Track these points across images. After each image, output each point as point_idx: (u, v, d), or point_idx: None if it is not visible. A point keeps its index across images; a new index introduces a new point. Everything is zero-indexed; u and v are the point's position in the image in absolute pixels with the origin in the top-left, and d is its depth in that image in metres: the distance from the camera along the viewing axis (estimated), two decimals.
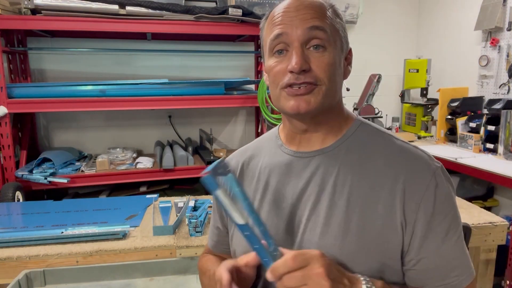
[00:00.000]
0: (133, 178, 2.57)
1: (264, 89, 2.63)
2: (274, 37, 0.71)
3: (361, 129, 0.77)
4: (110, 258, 1.35)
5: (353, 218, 0.69)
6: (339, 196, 0.70)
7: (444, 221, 0.69)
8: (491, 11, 2.78)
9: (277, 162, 0.80)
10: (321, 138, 0.76)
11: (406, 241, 0.68)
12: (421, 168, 0.70)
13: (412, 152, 0.73)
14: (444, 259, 0.68)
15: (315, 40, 0.69)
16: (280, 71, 0.71)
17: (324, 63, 0.69)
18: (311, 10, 0.70)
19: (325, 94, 0.70)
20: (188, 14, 2.47)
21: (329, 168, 0.73)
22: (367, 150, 0.74)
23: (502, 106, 2.61)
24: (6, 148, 2.30)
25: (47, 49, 2.84)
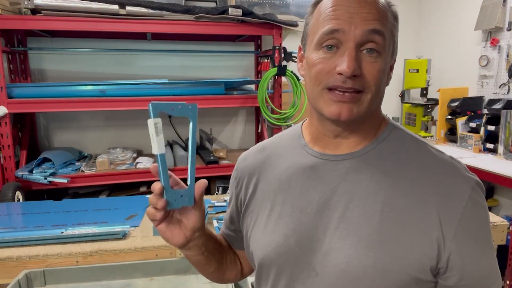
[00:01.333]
0: (133, 178, 2.57)
1: (264, 89, 2.63)
2: (328, 31, 0.63)
3: (394, 134, 0.72)
4: (110, 258, 1.35)
5: (387, 229, 0.65)
6: (372, 205, 0.66)
7: (483, 236, 0.67)
8: (491, 11, 2.78)
9: (301, 163, 0.74)
10: (353, 143, 0.71)
11: (444, 257, 0.64)
12: (460, 182, 0.66)
13: (450, 163, 0.68)
14: (484, 272, 0.67)
15: (371, 44, 0.63)
16: (326, 69, 0.64)
17: (375, 70, 0.64)
18: (374, 10, 0.63)
19: (369, 103, 0.65)
20: (188, 14, 2.47)
21: (360, 174, 0.68)
22: (401, 157, 0.69)
23: (502, 106, 2.61)
24: (6, 148, 2.30)
25: (47, 49, 2.84)
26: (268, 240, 0.73)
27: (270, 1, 3.16)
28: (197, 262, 0.79)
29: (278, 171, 0.77)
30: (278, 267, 0.72)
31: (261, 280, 0.78)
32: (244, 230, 0.82)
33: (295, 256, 0.70)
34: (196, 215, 0.70)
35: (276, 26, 2.65)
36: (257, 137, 3.33)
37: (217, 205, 1.79)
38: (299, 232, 0.70)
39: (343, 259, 0.65)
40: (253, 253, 0.77)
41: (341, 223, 0.67)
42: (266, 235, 0.74)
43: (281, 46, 2.68)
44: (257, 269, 0.78)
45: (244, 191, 0.81)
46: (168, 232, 0.70)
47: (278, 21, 2.63)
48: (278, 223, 0.73)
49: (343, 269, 0.65)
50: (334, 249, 0.66)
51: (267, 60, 2.82)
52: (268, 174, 0.78)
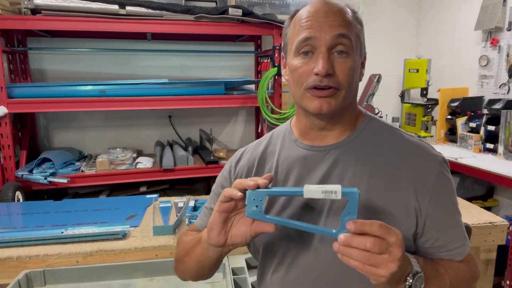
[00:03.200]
0: (133, 178, 2.57)
1: (264, 89, 2.63)
2: (303, 39, 0.75)
3: (371, 124, 0.85)
4: (110, 258, 1.35)
5: (373, 204, 0.76)
6: (359, 185, 0.76)
7: (451, 204, 0.81)
8: (491, 11, 2.78)
9: (294, 156, 0.84)
10: (336, 135, 0.82)
11: (421, 223, 0.77)
12: (429, 159, 0.79)
13: (419, 145, 0.82)
14: (453, 234, 0.80)
15: (340, 46, 0.74)
16: (305, 72, 0.75)
17: (346, 68, 0.75)
18: (339, 17, 0.75)
19: (344, 97, 0.76)
20: (188, 14, 2.47)
21: (347, 160, 0.80)
22: (379, 143, 0.81)
23: (502, 106, 2.61)
24: (6, 148, 2.30)
25: (47, 49, 2.84)
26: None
27: (270, 1, 3.16)
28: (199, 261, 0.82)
29: (275, 164, 0.86)
30: (282, 248, 0.81)
31: (265, 263, 0.86)
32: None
33: (296, 236, 0.79)
34: (247, 236, 0.72)
35: (276, 26, 2.65)
36: (257, 137, 3.33)
37: None
38: (298, 215, 0.79)
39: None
40: (255, 241, 0.84)
41: (333, 204, 0.77)
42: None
43: (281, 46, 2.68)
44: (261, 254, 0.86)
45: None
46: (216, 226, 0.72)
47: (278, 21, 2.63)
48: (277, 210, 0.82)
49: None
50: (330, 225, 0.75)
51: (267, 60, 2.82)
52: (267, 167, 0.88)
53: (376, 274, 0.61)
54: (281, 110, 2.76)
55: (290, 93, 0.83)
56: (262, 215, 0.68)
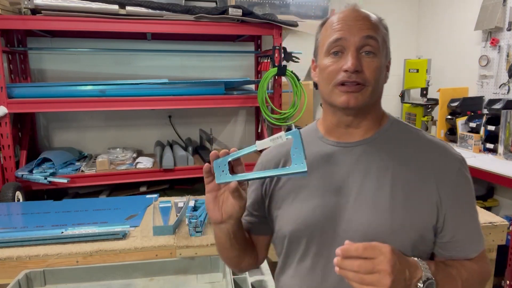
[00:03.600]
0: (133, 178, 2.57)
1: (264, 89, 2.63)
2: (334, 40, 0.82)
3: (395, 124, 0.90)
4: (110, 258, 1.35)
5: (398, 198, 0.81)
6: (384, 180, 0.82)
7: (470, 202, 0.86)
8: (491, 11, 2.79)
9: (320, 152, 0.90)
10: (362, 132, 0.88)
11: (441, 217, 0.82)
12: (450, 158, 0.85)
13: (441, 145, 0.87)
14: (470, 231, 0.85)
15: (368, 47, 0.81)
16: (334, 70, 0.82)
17: (373, 67, 0.81)
18: (367, 21, 0.83)
19: (370, 94, 0.82)
20: (188, 14, 2.47)
21: (372, 156, 0.85)
22: (402, 142, 0.87)
23: (502, 106, 2.61)
24: (6, 148, 2.30)
25: (47, 49, 2.84)
26: (296, 215, 0.88)
27: (270, 1, 3.16)
28: (221, 243, 0.91)
29: None
30: (307, 237, 0.86)
31: (290, 253, 0.91)
32: (270, 213, 0.95)
33: (321, 226, 0.84)
34: (234, 205, 0.81)
35: (276, 26, 2.65)
36: (257, 137, 3.33)
37: None
38: (324, 206, 0.85)
39: (363, 224, 0.80)
40: (280, 230, 0.91)
41: (359, 196, 0.83)
42: (294, 212, 0.88)
43: (281, 46, 2.68)
44: (286, 244, 0.91)
45: (269, 180, 0.95)
46: (210, 205, 0.83)
47: (278, 21, 2.63)
48: (304, 201, 0.87)
49: (364, 232, 0.80)
50: (355, 216, 0.82)
51: (267, 60, 2.82)
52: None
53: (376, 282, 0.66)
54: (281, 110, 2.76)
55: (320, 92, 0.90)
56: (228, 177, 0.79)
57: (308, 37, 3.32)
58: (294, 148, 0.76)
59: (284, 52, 2.70)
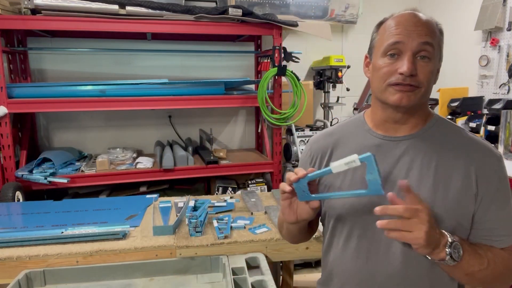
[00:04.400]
0: (133, 178, 2.57)
1: (264, 89, 2.63)
2: (392, 43, 0.88)
3: (439, 122, 0.97)
4: (110, 258, 1.35)
5: (439, 189, 0.88)
6: (426, 172, 0.90)
7: (505, 197, 0.91)
8: (491, 11, 2.78)
9: (368, 143, 0.97)
10: (409, 128, 0.94)
11: (478, 208, 0.89)
12: (489, 155, 0.91)
13: (481, 142, 0.93)
14: (502, 223, 0.90)
15: (424, 52, 0.87)
16: (390, 71, 0.88)
17: (427, 71, 0.87)
18: (426, 28, 0.88)
19: (422, 95, 0.89)
20: (188, 14, 2.47)
21: (416, 150, 0.92)
22: (446, 138, 0.93)
23: (502, 106, 2.61)
24: (6, 148, 2.30)
25: (47, 49, 2.84)
26: (343, 201, 0.96)
27: (270, 1, 3.16)
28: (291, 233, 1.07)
29: (347, 150, 0.99)
30: (352, 221, 0.95)
31: (335, 233, 1.01)
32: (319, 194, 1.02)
33: (367, 211, 0.90)
34: (309, 212, 0.92)
35: (276, 26, 2.65)
36: (257, 137, 3.33)
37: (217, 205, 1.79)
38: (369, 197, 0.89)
39: None
40: (327, 212, 1.02)
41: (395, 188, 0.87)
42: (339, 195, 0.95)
43: (281, 46, 2.68)
44: (331, 226, 1.01)
45: (318, 166, 1.04)
46: (286, 210, 0.94)
47: (278, 21, 2.63)
48: (350, 188, 0.94)
49: None
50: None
51: (267, 60, 2.82)
52: (339, 152, 1.01)
53: (413, 237, 0.77)
54: (281, 110, 2.76)
55: (371, 88, 0.97)
56: (309, 196, 0.90)
57: (308, 37, 3.32)
58: (369, 173, 0.81)
59: (284, 52, 2.70)
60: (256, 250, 1.42)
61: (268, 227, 1.54)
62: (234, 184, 2.89)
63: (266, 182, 2.91)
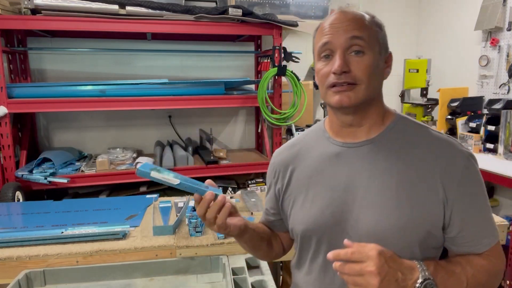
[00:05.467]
0: (133, 178, 2.57)
1: (264, 89, 2.63)
2: (322, 45, 0.86)
3: (401, 122, 0.91)
4: (110, 258, 1.35)
5: (403, 196, 0.82)
6: (389, 179, 0.84)
7: (480, 196, 0.85)
8: (491, 11, 2.79)
9: (328, 152, 0.93)
10: (366, 131, 0.89)
11: (448, 213, 0.82)
12: (456, 154, 0.84)
13: (447, 141, 0.86)
14: (480, 225, 0.85)
15: (355, 47, 0.83)
16: (326, 73, 0.85)
17: (363, 65, 0.83)
18: (352, 22, 0.84)
19: (364, 91, 0.83)
20: (188, 14, 2.47)
21: (377, 155, 0.87)
22: (408, 139, 0.87)
23: (502, 106, 2.61)
24: (6, 148, 2.30)
25: (47, 49, 2.84)
26: (307, 215, 0.92)
27: (270, 1, 3.16)
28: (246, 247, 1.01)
29: (309, 161, 0.95)
30: (317, 236, 0.90)
31: (302, 250, 0.96)
32: (284, 212, 1.01)
33: (331, 225, 0.88)
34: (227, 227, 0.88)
35: (276, 26, 2.65)
36: (257, 137, 3.33)
37: None
38: (332, 206, 0.88)
39: (371, 222, 0.83)
40: (293, 229, 0.96)
41: (366, 195, 0.85)
42: (304, 212, 0.92)
43: (281, 46, 2.68)
44: (299, 242, 0.96)
45: (281, 180, 1.00)
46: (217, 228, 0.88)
47: (278, 21, 2.63)
48: (314, 201, 0.91)
49: (371, 230, 0.82)
50: (362, 215, 0.84)
51: (267, 60, 2.82)
52: (301, 164, 0.97)
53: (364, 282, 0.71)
54: (281, 110, 2.76)
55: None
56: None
57: (308, 37, 3.32)
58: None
59: (284, 52, 2.70)
60: None
61: None
62: (234, 184, 2.89)
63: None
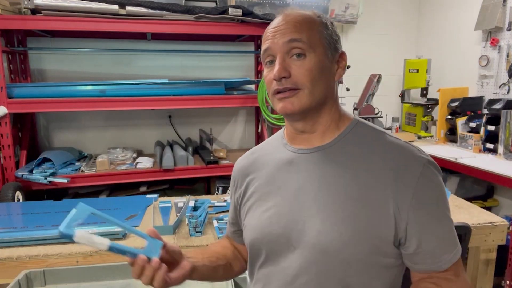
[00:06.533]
0: (133, 178, 2.57)
1: (264, 89, 2.63)
2: (264, 51, 0.82)
3: (358, 127, 0.85)
4: (110, 258, 1.35)
5: (350, 207, 0.77)
6: (338, 188, 0.79)
7: (437, 207, 0.78)
8: (491, 11, 2.78)
9: (282, 159, 0.88)
10: (320, 137, 0.84)
11: (402, 226, 0.76)
12: (412, 161, 0.78)
13: (403, 147, 0.80)
14: (439, 239, 0.77)
15: (295, 50, 0.78)
16: (269, 79, 0.81)
17: (304, 69, 0.78)
18: (290, 25, 0.80)
19: (308, 96, 0.78)
20: (188, 14, 2.47)
21: (328, 163, 0.82)
22: (363, 146, 0.81)
23: (502, 106, 2.61)
24: (6, 148, 2.30)
25: (47, 49, 2.84)
26: (256, 224, 0.87)
27: (270, 1, 3.16)
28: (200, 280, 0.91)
29: (265, 168, 0.91)
30: (265, 246, 0.85)
31: (253, 260, 0.91)
32: (241, 222, 0.96)
33: (277, 236, 0.83)
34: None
35: None
36: (257, 137, 3.33)
37: (217, 205, 1.79)
38: (280, 215, 0.83)
39: (314, 234, 0.77)
40: (245, 238, 0.92)
41: (313, 205, 0.80)
42: (255, 221, 0.88)
43: None
44: (249, 252, 0.91)
45: (239, 189, 0.95)
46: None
47: None
48: (264, 210, 0.86)
49: (314, 243, 0.77)
50: (307, 226, 0.79)
51: None
52: (258, 172, 0.92)
53: None
54: None
55: None
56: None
57: None
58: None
59: None
60: None
61: None
62: None
63: None
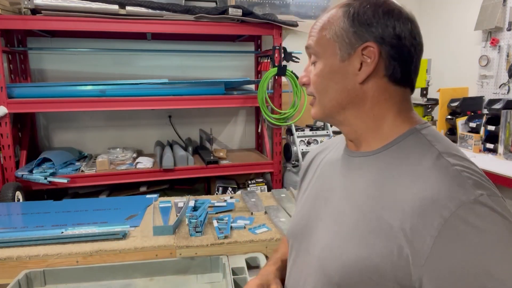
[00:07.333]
0: (133, 178, 2.57)
1: (264, 89, 2.63)
2: None
3: (412, 138, 0.68)
4: (110, 258, 1.35)
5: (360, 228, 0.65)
6: (357, 202, 0.68)
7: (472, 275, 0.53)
8: (491, 11, 2.79)
9: (333, 158, 0.84)
10: (366, 143, 0.73)
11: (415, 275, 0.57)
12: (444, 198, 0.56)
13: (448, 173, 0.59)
14: None
15: (312, 58, 0.76)
16: None
17: (313, 76, 0.75)
18: (313, 29, 0.75)
19: (318, 104, 0.75)
20: (188, 14, 2.47)
21: (358, 172, 0.71)
22: (402, 162, 0.65)
23: (502, 106, 2.61)
24: (6, 148, 2.30)
25: (47, 49, 2.84)
26: (292, 219, 0.89)
27: (270, 1, 3.16)
28: None
29: (319, 162, 0.90)
30: (291, 242, 0.86)
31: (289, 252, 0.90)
32: None
33: (301, 234, 0.82)
34: None
35: (276, 26, 2.65)
36: (257, 137, 3.33)
37: (217, 205, 1.79)
38: (310, 214, 0.81)
39: (320, 247, 0.73)
40: None
41: (331, 214, 0.74)
42: (294, 214, 0.90)
43: (281, 46, 2.68)
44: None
45: (300, 179, 0.96)
46: None
47: (278, 21, 2.63)
48: (302, 205, 0.86)
49: (318, 256, 0.73)
50: (320, 235, 0.75)
51: (267, 60, 2.82)
52: (311, 168, 0.92)
53: None
54: (281, 110, 2.76)
55: None
56: None
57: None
58: None
59: (284, 52, 2.70)
60: (256, 250, 1.42)
61: (268, 227, 1.54)
62: (234, 184, 2.89)
63: (266, 182, 2.91)
